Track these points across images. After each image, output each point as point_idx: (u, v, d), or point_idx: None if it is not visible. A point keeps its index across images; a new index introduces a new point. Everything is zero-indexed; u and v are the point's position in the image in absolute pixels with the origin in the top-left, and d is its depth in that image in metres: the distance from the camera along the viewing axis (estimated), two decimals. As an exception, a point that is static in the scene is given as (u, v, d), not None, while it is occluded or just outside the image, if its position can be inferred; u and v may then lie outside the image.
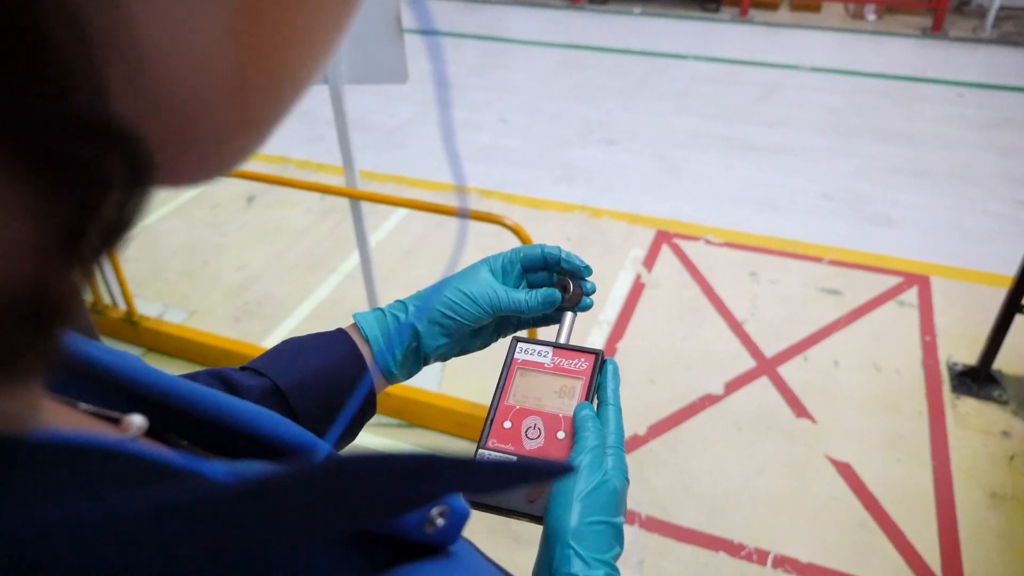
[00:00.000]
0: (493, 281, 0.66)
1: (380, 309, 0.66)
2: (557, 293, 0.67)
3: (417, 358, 0.65)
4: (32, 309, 0.17)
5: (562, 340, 0.67)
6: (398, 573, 0.29)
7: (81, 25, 0.15)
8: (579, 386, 0.64)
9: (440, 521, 0.32)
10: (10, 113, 0.14)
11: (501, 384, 0.65)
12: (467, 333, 0.66)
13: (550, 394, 0.63)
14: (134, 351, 2.70)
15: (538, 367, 0.65)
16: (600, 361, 0.65)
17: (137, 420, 0.28)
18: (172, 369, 0.46)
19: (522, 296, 0.66)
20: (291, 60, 0.21)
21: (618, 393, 0.62)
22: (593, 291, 0.69)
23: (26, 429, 0.21)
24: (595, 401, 0.63)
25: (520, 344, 0.67)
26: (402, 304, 0.66)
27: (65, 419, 0.27)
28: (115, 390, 0.33)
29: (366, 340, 0.63)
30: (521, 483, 0.26)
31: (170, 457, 0.26)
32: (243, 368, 0.58)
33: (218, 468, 0.26)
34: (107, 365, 0.33)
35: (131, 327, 2.88)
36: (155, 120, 0.18)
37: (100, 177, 0.16)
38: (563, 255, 0.68)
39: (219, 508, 0.19)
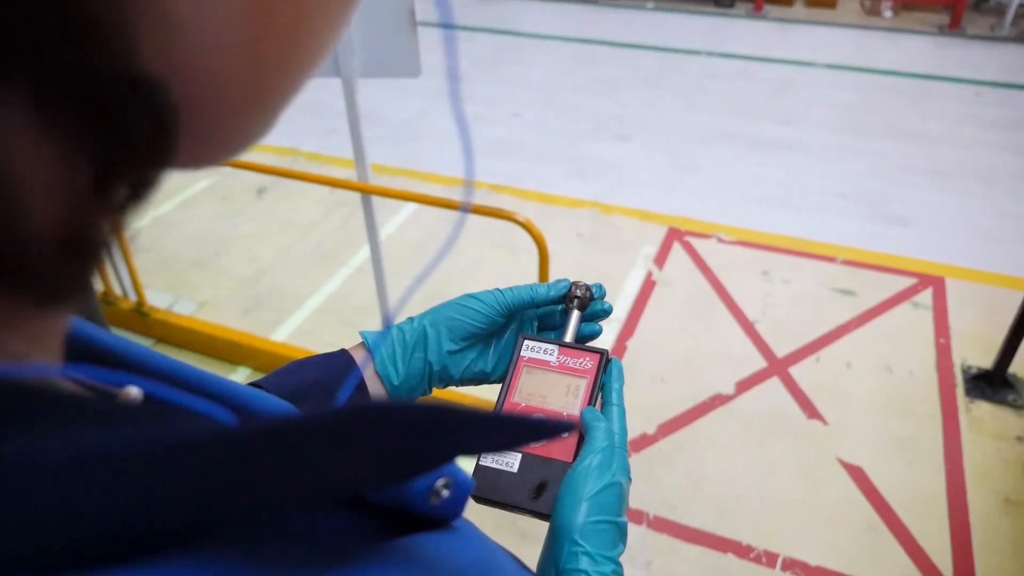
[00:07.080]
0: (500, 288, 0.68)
1: (389, 326, 0.66)
2: (566, 280, 0.68)
3: (423, 368, 0.64)
4: (66, 248, 0.18)
5: (567, 339, 0.67)
6: (406, 541, 0.29)
7: None
8: (584, 385, 0.64)
9: (445, 493, 0.32)
10: (51, 64, 0.15)
11: (507, 381, 0.65)
12: (481, 341, 0.67)
13: (555, 392, 0.64)
14: (144, 342, 2.71)
15: (544, 365, 0.65)
16: (605, 361, 0.65)
17: (134, 391, 0.28)
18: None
19: (527, 289, 0.67)
20: (302, 36, 0.22)
21: (622, 393, 0.63)
22: (608, 309, 0.71)
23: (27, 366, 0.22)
24: (599, 400, 0.63)
25: (527, 342, 0.67)
26: (410, 319, 0.67)
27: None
28: (111, 366, 0.33)
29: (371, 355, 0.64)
30: (527, 440, 0.27)
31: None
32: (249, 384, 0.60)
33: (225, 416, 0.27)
34: (101, 342, 0.34)
35: (141, 318, 2.89)
36: (178, 83, 0.19)
37: (129, 130, 0.17)
38: (572, 281, 0.70)
39: (229, 446, 0.20)
